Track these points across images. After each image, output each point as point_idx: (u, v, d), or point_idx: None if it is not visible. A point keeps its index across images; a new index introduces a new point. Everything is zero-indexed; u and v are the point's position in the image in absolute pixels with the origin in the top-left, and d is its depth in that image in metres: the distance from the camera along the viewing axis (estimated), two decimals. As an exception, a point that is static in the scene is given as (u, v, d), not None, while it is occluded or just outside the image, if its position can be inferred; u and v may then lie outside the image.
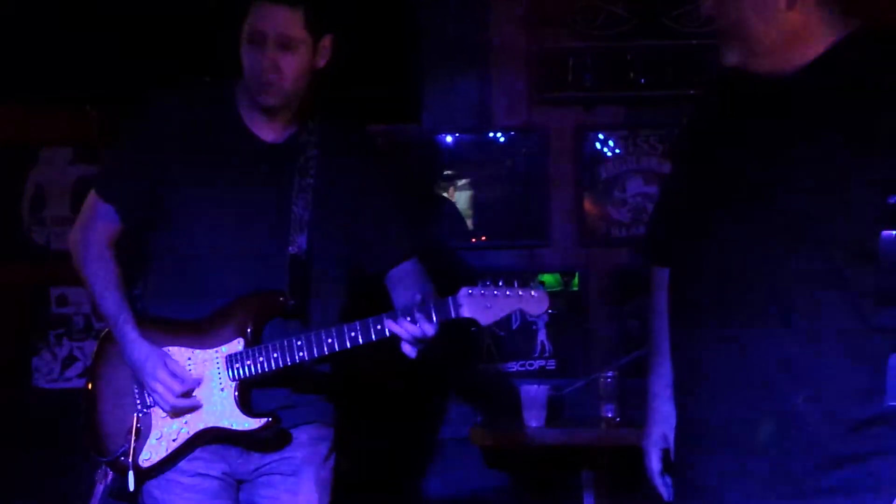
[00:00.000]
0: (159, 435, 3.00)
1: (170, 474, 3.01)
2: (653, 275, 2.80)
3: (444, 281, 3.03)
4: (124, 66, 4.39)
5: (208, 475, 3.02)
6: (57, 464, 4.37)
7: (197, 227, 3.01)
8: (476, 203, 4.69)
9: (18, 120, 4.77)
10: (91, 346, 3.36)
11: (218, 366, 2.97)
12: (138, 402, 3.03)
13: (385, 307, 3.01)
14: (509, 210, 4.69)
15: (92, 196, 3.11)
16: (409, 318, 2.86)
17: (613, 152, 4.69)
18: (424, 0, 4.74)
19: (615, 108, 4.70)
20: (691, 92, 4.61)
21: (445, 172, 4.70)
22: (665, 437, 2.73)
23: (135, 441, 2.99)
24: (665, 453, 2.75)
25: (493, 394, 4.64)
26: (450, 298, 2.86)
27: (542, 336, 4.65)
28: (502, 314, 2.87)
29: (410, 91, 4.75)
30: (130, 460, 2.98)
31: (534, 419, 4.34)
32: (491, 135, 4.71)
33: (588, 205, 4.68)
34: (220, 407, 2.97)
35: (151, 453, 2.99)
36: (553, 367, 4.63)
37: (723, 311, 2.47)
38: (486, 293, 2.85)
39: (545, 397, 4.36)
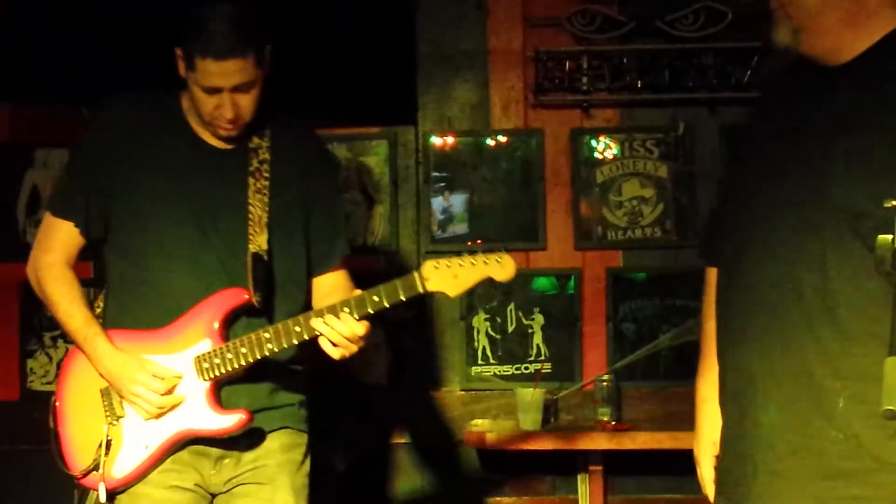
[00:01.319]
0: (132, 444, 2.97)
1: (140, 487, 2.98)
2: (706, 276, 2.77)
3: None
4: (120, 67, 4.38)
5: (180, 487, 3.00)
6: (51, 466, 4.35)
7: (154, 235, 3.00)
8: (471, 205, 4.68)
9: (14, 121, 4.76)
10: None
11: (187, 368, 2.95)
12: (107, 414, 3.01)
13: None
14: (505, 212, 4.69)
15: (47, 218, 3.10)
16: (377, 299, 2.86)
17: (609, 155, 4.69)
18: (421, 2, 4.74)
19: (611, 110, 4.71)
20: (687, 95, 4.64)
21: (441, 175, 4.69)
22: (715, 443, 2.67)
23: (106, 453, 2.97)
24: (716, 459, 2.69)
25: (488, 397, 4.64)
26: (415, 273, 2.85)
27: (537, 339, 4.65)
28: (470, 283, 2.87)
29: (406, 93, 4.75)
30: (102, 471, 2.96)
31: (529, 422, 4.34)
32: (487, 137, 4.71)
33: (584, 208, 4.68)
34: (191, 409, 2.95)
35: (125, 464, 2.97)
36: (548, 370, 4.62)
37: (765, 310, 2.44)
38: (452, 265, 2.84)
39: (541, 400, 4.36)
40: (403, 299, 2.86)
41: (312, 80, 4.71)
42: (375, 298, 2.85)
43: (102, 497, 2.95)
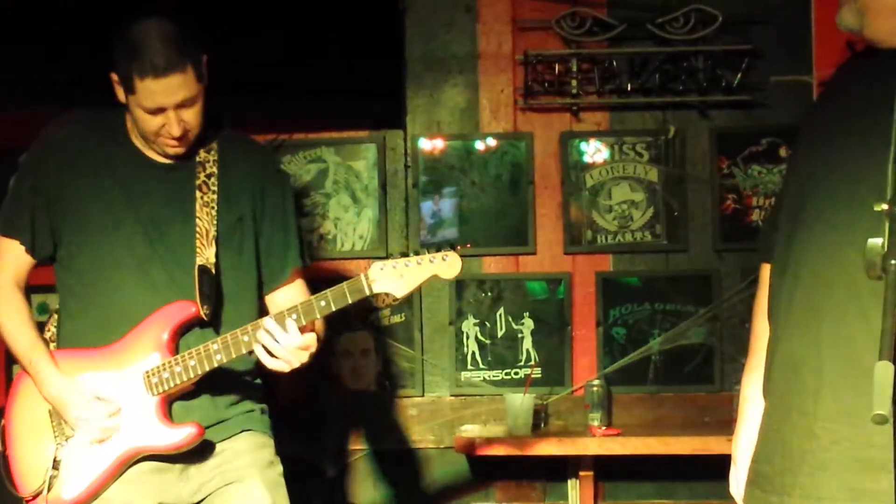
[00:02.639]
0: (82, 464, 2.94)
1: None
2: (761, 272, 2.72)
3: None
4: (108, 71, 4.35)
5: None
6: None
7: (102, 251, 2.98)
8: (461, 210, 4.66)
9: (5, 127, 4.72)
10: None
11: (136, 384, 2.93)
12: (56, 434, 2.98)
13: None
14: (494, 217, 4.66)
15: None
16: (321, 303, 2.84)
17: (599, 159, 4.67)
18: (410, 4, 4.72)
19: (601, 114, 4.69)
20: (677, 98, 4.62)
21: (430, 178, 4.67)
22: (751, 442, 2.63)
23: (55, 473, 2.93)
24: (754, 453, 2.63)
25: (477, 402, 4.62)
26: (362, 276, 2.84)
27: (527, 344, 4.63)
28: (417, 283, 2.85)
29: (395, 97, 4.73)
30: (47, 493, 2.92)
31: (519, 427, 4.31)
32: (476, 141, 4.68)
33: (574, 211, 4.66)
34: (141, 426, 2.92)
35: (75, 484, 2.93)
36: (538, 375, 4.60)
37: (813, 295, 2.40)
38: (398, 265, 2.84)
39: (531, 405, 4.34)
40: (350, 301, 2.85)
41: (301, 84, 4.69)
42: (322, 304, 2.84)
43: None
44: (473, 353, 4.63)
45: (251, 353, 2.89)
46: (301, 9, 4.67)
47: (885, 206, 2.04)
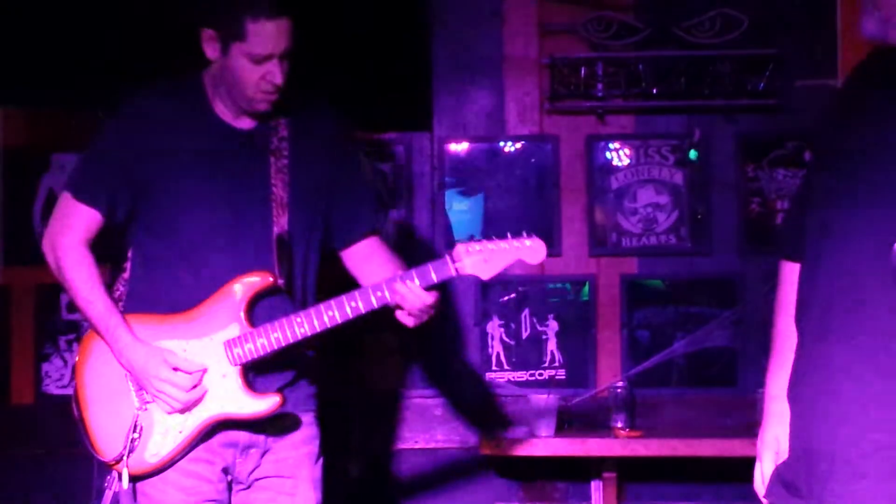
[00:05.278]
0: (164, 430, 2.96)
1: (170, 474, 2.97)
2: (782, 270, 2.70)
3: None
4: (137, 70, 4.38)
5: (209, 478, 3.00)
6: (65, 470, 4.37)
7: (181, 218, 3.00)
8: (486, 211, 4.68)
9: (30, 126, 4.77)
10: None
11: (216, 353, 2.95)
12: (136, 399, 2.99)
13: (354, 285, 3.05)
14: (519, 219, 4.67)
15: (67, 199, 3.06)
16: (410, 282, 2.87)
17: (624, 162, 4.69)
18: (438, 9, 4.75)
19: (626, 117, 4.71)
20: (702, 102, 4.63)
21: (456, 181, 4.69)
22: (777, 440, 2.61)
23: (138, 438, 2.96)
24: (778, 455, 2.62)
25: (502, 403, 4.63)
26: (447, 256, 2.86)
27: (551, 345, 4.65)
28: (502, 266, 2.87)
29: (422, 99, 4.76)
30: (126, 458, 2.94)
31: (543, 428, 4.33)
32: (502, 143, 4.71)
33: (598, 214, 4.68)
34: (223, 393, 2.94)
35: (159, 449, 2.96)
36: (563, 377, 4.62)
37: (853, 300, 2.37)
38: (483, 248, 2.86)
39: (555, 407, 4.36)
40: (435, 281, 2.88)
41: (329, 86, 4.73)
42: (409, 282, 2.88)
43: (125, 484, 2.94)
44: (498, 353, 4.65)
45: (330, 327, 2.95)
46: (328, 12, 4.71)
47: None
